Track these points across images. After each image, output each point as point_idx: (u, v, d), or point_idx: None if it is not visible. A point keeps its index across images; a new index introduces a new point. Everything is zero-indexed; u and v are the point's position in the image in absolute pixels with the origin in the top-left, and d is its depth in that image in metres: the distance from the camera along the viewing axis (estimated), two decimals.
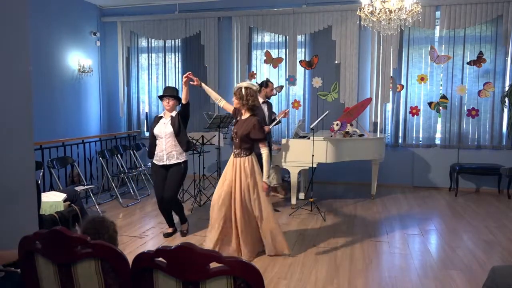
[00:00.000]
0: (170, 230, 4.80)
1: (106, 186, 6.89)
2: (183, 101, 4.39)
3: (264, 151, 3.92)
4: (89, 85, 8.21)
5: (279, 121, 5.69)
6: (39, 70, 6.80)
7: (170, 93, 4.51)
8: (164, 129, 4.48)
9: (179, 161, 4.51)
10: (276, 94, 7.59)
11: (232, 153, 4.06)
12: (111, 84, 8.62)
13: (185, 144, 4.52)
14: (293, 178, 5.85)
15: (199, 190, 6.19)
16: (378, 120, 7.36)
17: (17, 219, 2.70)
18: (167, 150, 4.47)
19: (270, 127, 5.53)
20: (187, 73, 4.25)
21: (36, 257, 1.87)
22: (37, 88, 6.65)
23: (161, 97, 4.58)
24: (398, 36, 7.06)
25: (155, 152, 4.55)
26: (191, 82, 4.26)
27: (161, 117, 4.60)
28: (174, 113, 4.53)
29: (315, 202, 5.76)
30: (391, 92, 7.28)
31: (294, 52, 7.56)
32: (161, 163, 4.52)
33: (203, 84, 4.29)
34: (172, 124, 4.47)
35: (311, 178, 5.90)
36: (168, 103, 4.49)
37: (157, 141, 4.53)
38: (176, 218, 4.86)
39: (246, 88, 3.96)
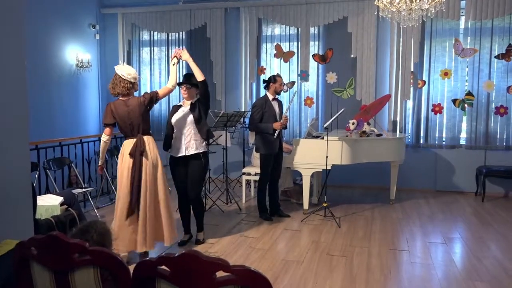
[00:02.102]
0: (186, 238, 4.83)
1: (105, 189, 6.94)
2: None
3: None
4: (87, 81, 8.28)
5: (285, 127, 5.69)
6: (34, 65, 6.87)
7: (188, 80, 4.56)
8: (183, 117, 4.53)
9: (198, 151, 4.53)
10: (287, 90, 7.59)
11: None
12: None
13: (205, 133, 4.57)
14: (306, 181, 5.84)
15: (205, 194, 6.21)
16: (398, 119, 7.32)
17: (12, 224, 2.72)
18: (186, 140, 4.51)
19: (282, 121, 5.51)
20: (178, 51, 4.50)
21: (32, 264, 1.89)
22: (33, 84, 6.71)
23: (180, 84, 4.65)
24: (419, 27, 7.01)
25: (172, 144, 4.59)
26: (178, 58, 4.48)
27: (180, 106, 4.65)
28: (193, 100, 4.58)
29: (329, 207, 5.75)
30: (412, 89, 7.23)
31: (306, 45, 7.54)
32: (179, 155, 4.54)
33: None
34: (192, 110, 4.52)
35: (324, 181, 5.88)
36: (185, 91, 4.55)
37: (175, 131, 4.57)
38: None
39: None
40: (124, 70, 4.22)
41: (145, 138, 4.23)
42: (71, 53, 7.84)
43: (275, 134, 5.41)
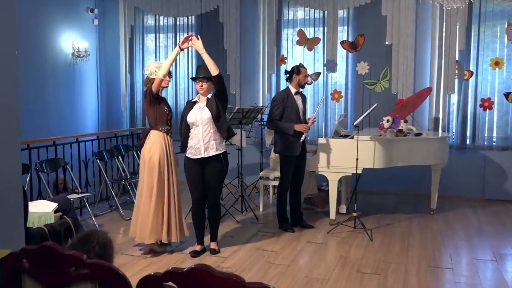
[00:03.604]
0: (198, 248, 4.89)
1: (104, 195, 7.01)
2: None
3: None
4: (85, 72, 8.38)
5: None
6: (25, 54, 6.96)
7: (203, 74, 4.63)
8: (200, 115, 4.61)
9: (218, 152, 4.65)
10: (311, 82, 7.56)
11: (167, 133, 4.84)
12: (111, 71, 8.77)
13: (226, 131, 4.67)
14: (332, 187, 5.82)
15: None
16: (440, 116, 7.24)
17: (1, 233, 2.77)
18: (205, 140, 4.61)
19: (309, 125, 5.53)
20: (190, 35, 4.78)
21: (23, 277, 1.92)
22: (24, 76, 6.80)
23: (194, 79, 4.78)
24: (465, 9, 6.92)
25: (189, 145, 4.68)
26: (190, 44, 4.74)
27: (195, 102, 4.75)
28: (210, 95, 4.67)
29: (360, 217, 5.71)
30: (456, 81, 7.16)
31: (334, 31, 7.51)
32: (197, 157, 4.64)
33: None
34: (209, 107, 4.60)
35: (354, 188, 5.85)
36: (202, 86, 4.65)
37: (191, 130, 4.66)
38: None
39: None
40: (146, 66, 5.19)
41: (150, 132, 4.84)
42: (66, 41, 7.95)
43: (301, 139, 5.44)
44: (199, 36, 4.73)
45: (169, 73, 4.80)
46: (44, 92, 7.54)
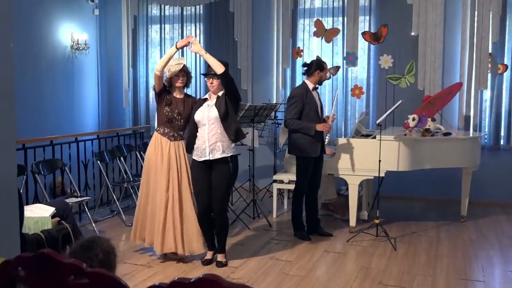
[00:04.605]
0: (210, 255, 4.90)
1: (105, 198, 7.05)
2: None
3: None
4: (84, 66, 8.44)
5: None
6: (21, 47, 7.02)
7: (213, 70, 4.65)
8: (207, 113, 4.65)
9: (225, 155, 4.65)
10: (330, 77, 7.54)
11: (164, 135, 4.89)
12: (113, 65, 8.82)
13: (234, 132, 4.67)
14: (353, 192, 5.81)
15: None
16: (471, 113, 7.20)
17: None
18: (210, 141, 4.63)
19: (330, 122, 5.55)
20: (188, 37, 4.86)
21: (18, 286, 1.94)
22: (19, 71, 6.88)
23: (205, 75, 4.84)
24: None
25: (196, 145, 4.73)
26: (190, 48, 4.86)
27: (205, 99, 4.80)
28: (221, 93, 4.70)
29: (382, 225, 5.70)
30: (489, 75, 7.12)
31: (355, 21, 7.49)
32: (202, 159, 4.68)
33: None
34: (218, 106, 4.62)
35: (377, 192, 5.84)
36: (212, 83, 4.68)
37: (199, 130, 4.72)
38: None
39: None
40: None
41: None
42: (64, 33, 8.01)
43: (325, 141, 5.47)
44: (195, 39, 4.87)
45: (181, 71, 4.86)
46: (41, 87, 7.61)
